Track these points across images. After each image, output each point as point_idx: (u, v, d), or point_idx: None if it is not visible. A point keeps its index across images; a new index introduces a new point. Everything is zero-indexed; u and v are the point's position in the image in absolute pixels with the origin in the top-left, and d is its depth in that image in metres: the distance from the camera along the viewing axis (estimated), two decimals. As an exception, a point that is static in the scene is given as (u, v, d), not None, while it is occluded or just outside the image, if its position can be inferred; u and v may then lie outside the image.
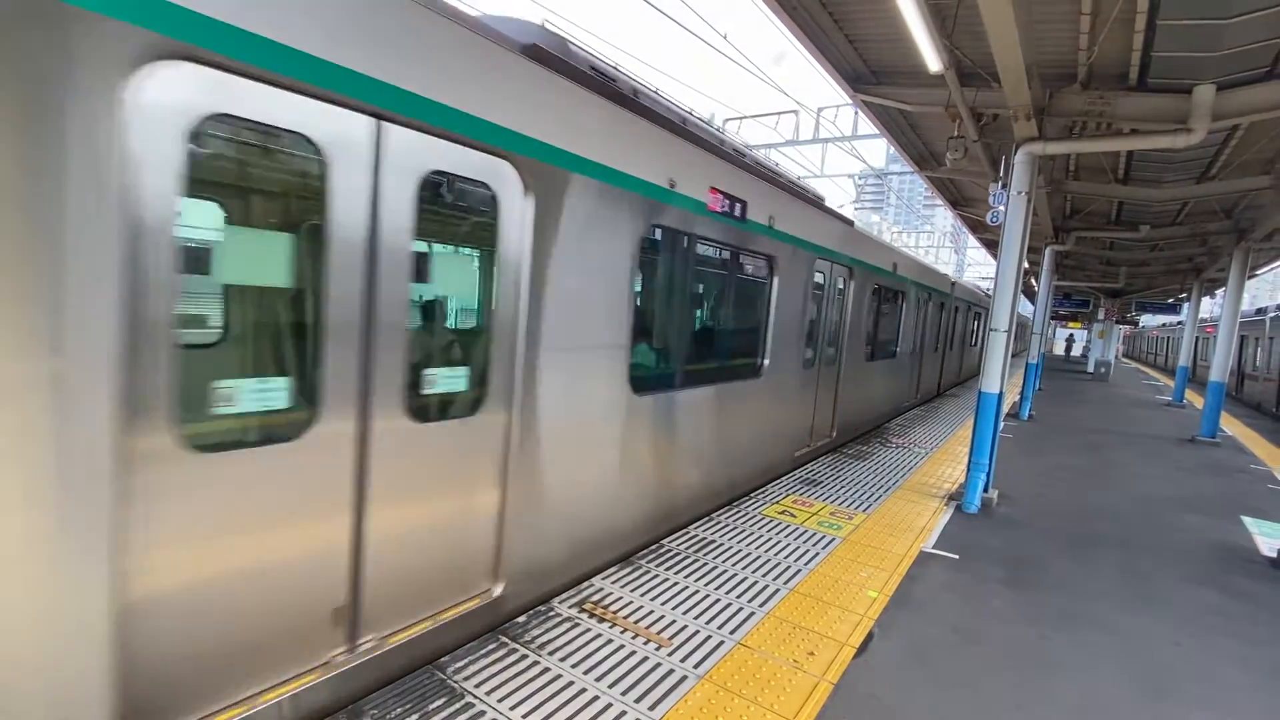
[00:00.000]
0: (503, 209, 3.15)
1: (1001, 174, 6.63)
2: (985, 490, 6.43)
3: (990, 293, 16.40)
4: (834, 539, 5.14)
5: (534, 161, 3.23)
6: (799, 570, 4.49)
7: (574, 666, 3.12)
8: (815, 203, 7.13)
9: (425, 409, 2.94)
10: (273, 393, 2.44)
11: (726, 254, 5.57)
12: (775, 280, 6.13)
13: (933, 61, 5.60)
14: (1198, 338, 22.51)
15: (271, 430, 2.43)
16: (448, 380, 3.08)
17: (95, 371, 1.84)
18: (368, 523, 2.72)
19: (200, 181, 2.21)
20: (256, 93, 2.17)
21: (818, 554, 4.81)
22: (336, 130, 2.42)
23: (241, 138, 2.39)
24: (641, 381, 4.40)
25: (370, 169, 2.55)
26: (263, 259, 2.63)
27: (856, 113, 14.57)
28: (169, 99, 1.95)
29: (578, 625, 3.50)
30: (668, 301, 4.91)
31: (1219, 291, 21.06)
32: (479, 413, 3.17)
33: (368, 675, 2.79)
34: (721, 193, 4.96)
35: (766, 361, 6.16)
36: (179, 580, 2.16)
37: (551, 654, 3.21)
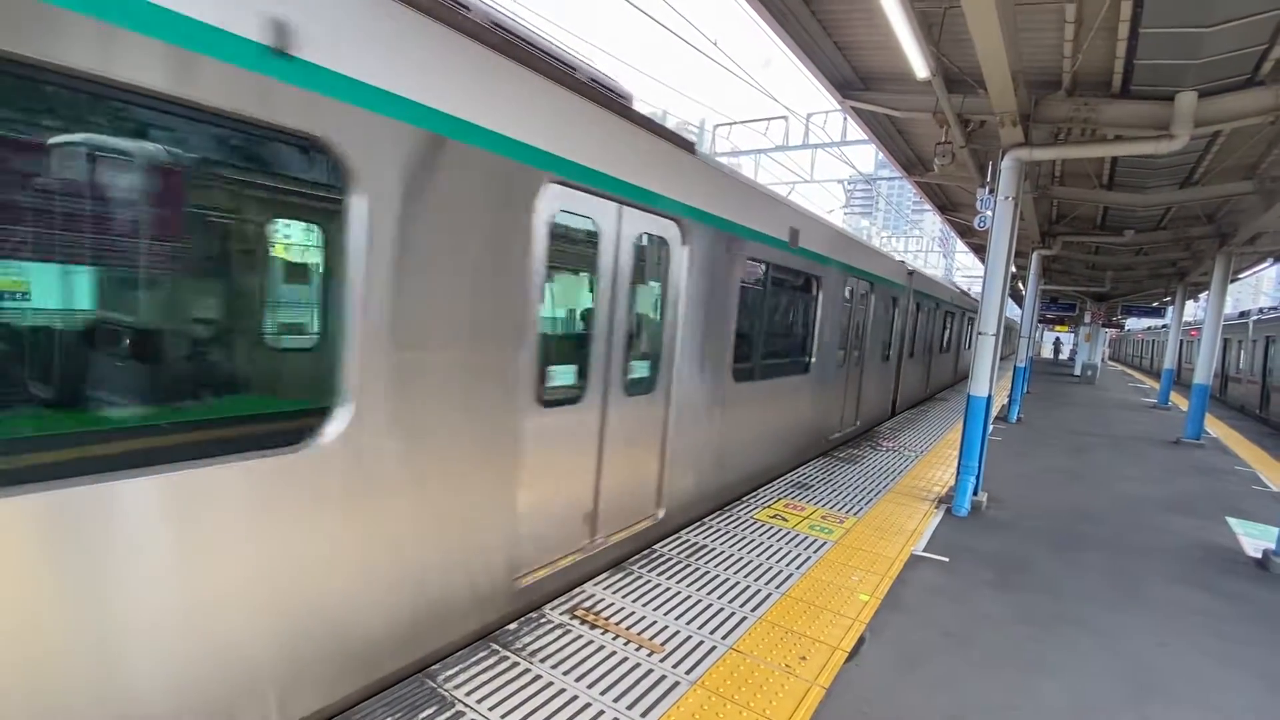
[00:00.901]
0: None
1: (988, 179, 6.70)
2: (975, 493, 6.47)
3: (967, 289, 16.25)
4: (825, 543, 5.15)
5: None
6: (790, 574, 4.49)
7: (566, 673, 3.11)
8: (565, 73, 3.65)
9: None
10: None
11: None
12: (365, 213, 2.60)
13: (920, 68, 5.65)
14: (1182, 341, 22.80)
15: None
16: None
17: None
18: None
19: None
20: None
21: (809, 558, 4.81)
22: None
23: None
24: None
25: None
26: None
27: (845, 119, 14.70)
28: None
29: (569, 632, 3.49)
30: None
31: (1202, 295, 21.36)
32: None
33: None
34: None
35: (349, 416, 2.63)
36: None
37: (543, 661, 3.19)
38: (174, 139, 2.21)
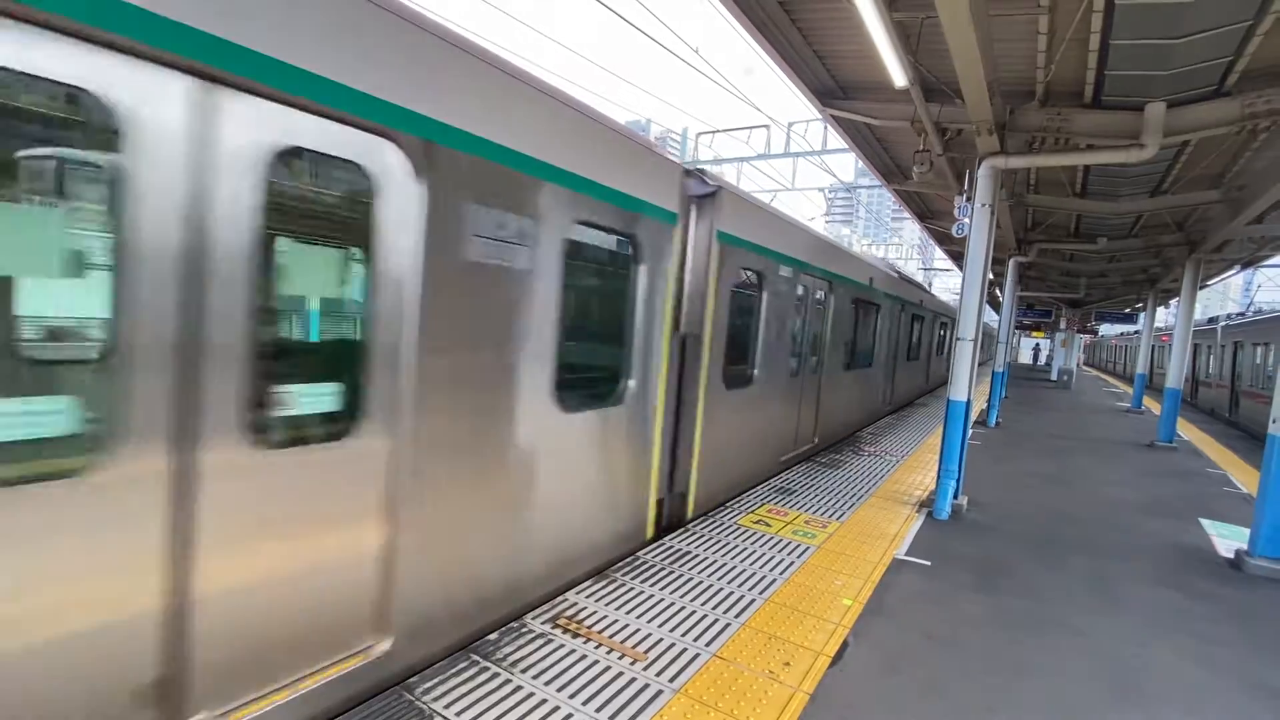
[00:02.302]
0: None
1: (966, 187, 6.80)
2: (955, 497, 6.52)
3: (902, 272, 15.43)
4: (809, 548, 5.15)
5: None
6: (774, 580, 4.48)
7: (547, 684, 3.06)
8: None
9: None
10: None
11: None
12: None
13: (898, 77, 5.73)
14: (1154, 346, 23.30)
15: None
16: None
17: None
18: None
19: None
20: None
21: (792, 563, 4.81)
22: None
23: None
24: None
25: None
26: None
27: (826, 127, 14.88)
28: None
29: (551, 641, 3.44)
30: None
31: (1173, 302, 21.85)
32: None
33: None
34: None
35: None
36: None
37: (524, 671, 3.14)
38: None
